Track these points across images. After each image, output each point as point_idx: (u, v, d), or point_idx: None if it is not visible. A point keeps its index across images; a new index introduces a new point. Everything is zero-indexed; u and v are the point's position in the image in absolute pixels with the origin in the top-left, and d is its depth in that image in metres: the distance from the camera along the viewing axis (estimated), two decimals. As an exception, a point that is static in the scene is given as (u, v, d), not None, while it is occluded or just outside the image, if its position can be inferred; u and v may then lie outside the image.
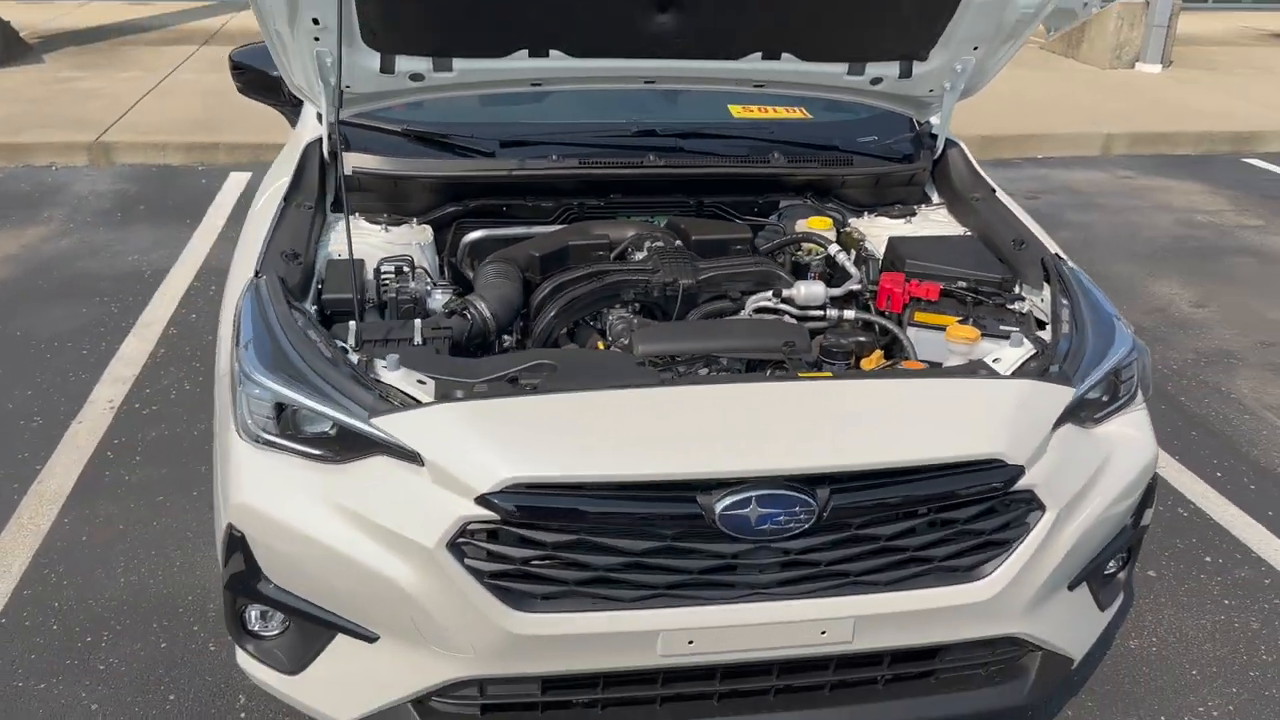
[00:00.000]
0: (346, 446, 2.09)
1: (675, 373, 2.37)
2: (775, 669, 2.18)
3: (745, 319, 2.73)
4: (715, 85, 3.02)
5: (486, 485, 1.94)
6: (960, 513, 2.12)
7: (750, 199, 3.26)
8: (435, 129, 3.09)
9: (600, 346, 2.64)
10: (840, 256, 2.95)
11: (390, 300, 2.59)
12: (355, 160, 2.99)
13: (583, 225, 3.03)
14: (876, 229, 3.14)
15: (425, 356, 2.32)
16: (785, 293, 2.75)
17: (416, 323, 2.47)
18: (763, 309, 2.75)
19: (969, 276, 2.77)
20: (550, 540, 1.98)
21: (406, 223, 2.99)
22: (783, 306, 2.74)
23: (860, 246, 3.04)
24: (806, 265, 3.01)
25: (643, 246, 2.90)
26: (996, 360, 2.42)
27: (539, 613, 2.01)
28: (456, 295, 2.70)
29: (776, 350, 2.44)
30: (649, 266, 2.79)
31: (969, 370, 2.36)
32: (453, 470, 1.97)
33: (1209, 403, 4.36)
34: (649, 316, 2.77)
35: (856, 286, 2.85)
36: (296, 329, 2.26)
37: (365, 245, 2.78)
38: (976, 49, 2.96)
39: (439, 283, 2.77)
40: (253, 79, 3.74)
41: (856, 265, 2.95)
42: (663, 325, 2.68)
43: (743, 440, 2.04)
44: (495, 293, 2.64)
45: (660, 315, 2.78)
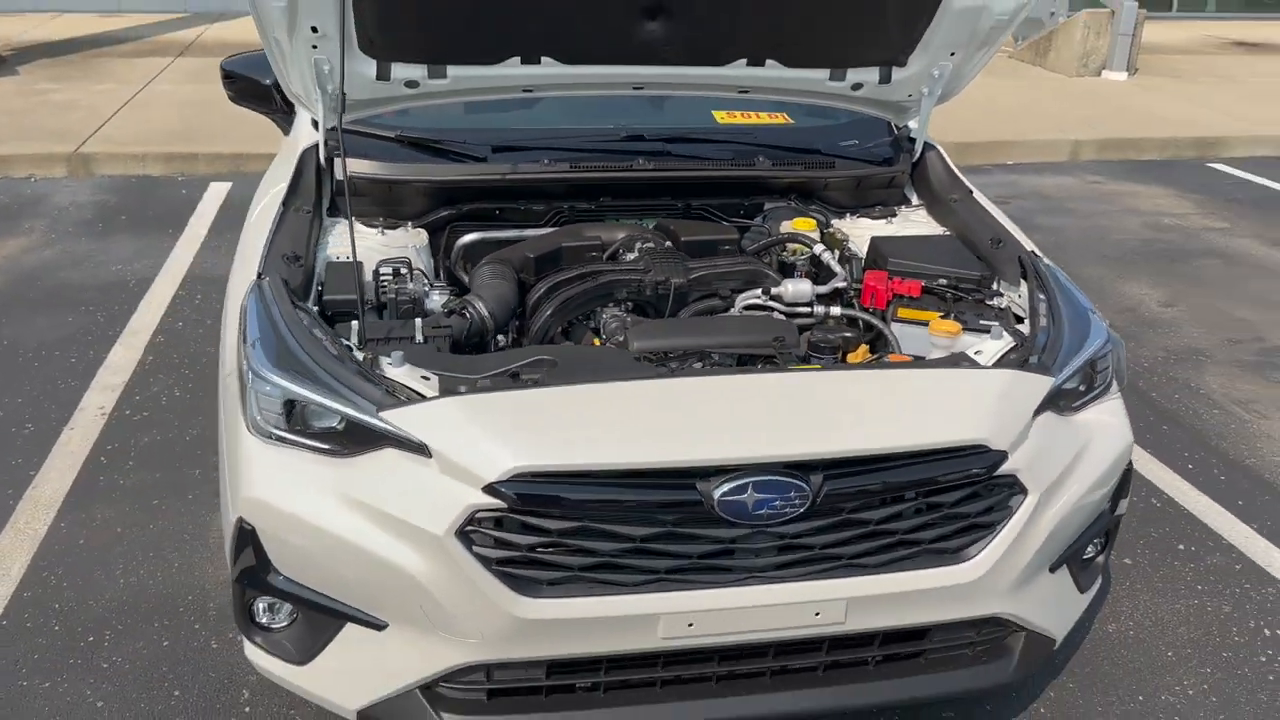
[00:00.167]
0: (355, 440, 2.15)
1: (670, 367, 2.44)
2: (771, 651, 2.25)
3: (736, 316, 2.81)
4: (702, 91, 3.10)
5: (494, 475, 2.01)
6: (947, 497, 2.20)
7: (736, 201, 3.35)
8: (428, 135, 3.15)
9: (595, 344, 2.71)
10: (825, 256, 3.03)
11: (389, 301, 2.64)
12: (351, 165, 3.02)
13: (575, 227, 3.10)
14: (858, 229, 3.24)
15: (428, 354, 2.38)
16: (774, 290, 2.84)
17: (417, 322, 2.52)
18: (752, 306, 2.84)
19: (949, 274, 2.87)
20: (555, 527, 2.05)
21: (402, 226, 3.05)
22: (771, 304, 2.83)
23: (843, 246, 3.14)
24: (792, 265, 3.09)
25: (634, 247, 2.97)
26: (978, 353, 2.51)
27: (545, 598, 2.08)
28: (454, 296, 2.76)
29: (767, 345, 2.52)
30: (641, 266, 2.86)
31: (952, 362, 2.45)
32: (460, 461, 2.04)
33: (1179, 398, 4.49)
34: (641, 314, 2.84)
35: (842, 284, 2.93)
36: (302, 327, 2.31)
37: (362, 248, 2.82)
38: (953, 55, 3.06)
39: (435, 284, 2.83)
40: (244, 88, 3.78)
41: (840, 264, 3.04)
42: (657, 322, 2.75)
43: (740, 429, 2.11)
44: (492, 292, 2.70)
45: (652, 313, 2.85)
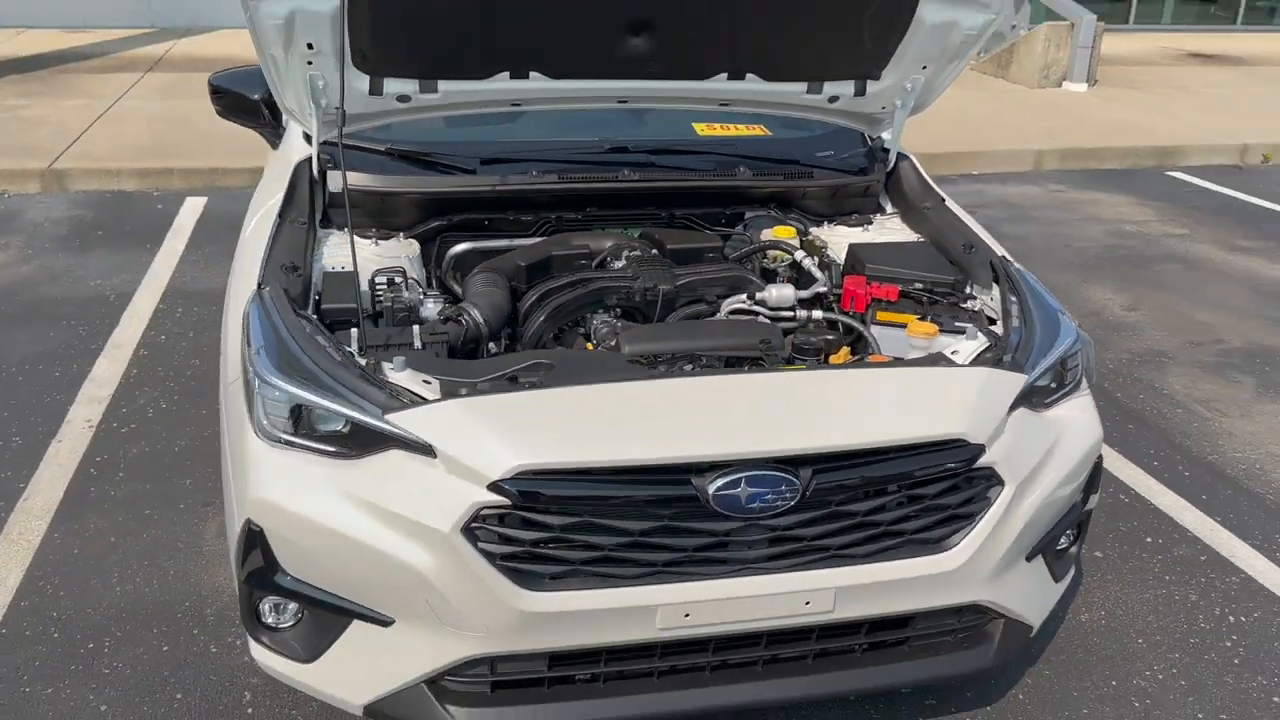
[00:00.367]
0: (360, 443, 2.22)
1: (661, 370, 2.53)
2: (763, 640, 2.34)
3: (723, 320, 2.90)
4: (684, 104, 3.21)
5: (498, 473, 2.09)
6: (929, 489, 2.31)
7: (718, 210, 3.45)
8: (419, 148, 3.23)
9: (589, 348, 2.80)
10: (806, 262, 3.14)
11: (386, 309, 2.71)
12: (347, 177, 3.11)
13: (563, 237, 3.19)
14: (836, 237, 3.35)
15: (427, 359, 2.45)
16: (758, 296, 2.94)
17: (415, 329, 2.60)
18: (738, 311, 2.94)
19: (924, 278, 2.98)
20: (557, 523, 2.13)
21: (394, 237, 3.12)
22: (756, 308, 2.93)
23: (822, 253, 3.25)
24: (774, 271, 3.20)
25: (621, 255, 3.06)
26: (954, 352, 2.62)
27: (547, 591, 2.16)
28: (449, 304, 2.84)
29: (754, 348, 2.62)
30: (630, 274, 2.95)
31: (931, 361, 2.56)
32: (465, 460, 2.12)
33: (1144, 398, 4.64)
34: (630, 320, 2.93)
35: (823, 289, 3.04)
36: (305, 334, 2.39)
37: (358, 258, 2.90)
38: (925, 68, 3.19)
39: (429, 292, 2.91)
40: (231, 102, 3.82)
41: (820, 270, 3.15)
42: (647, 327, 2.84)
43: (732, 426, 2.21)
44: (486, 300, 2.78)
45: (641, 319, 2.94)
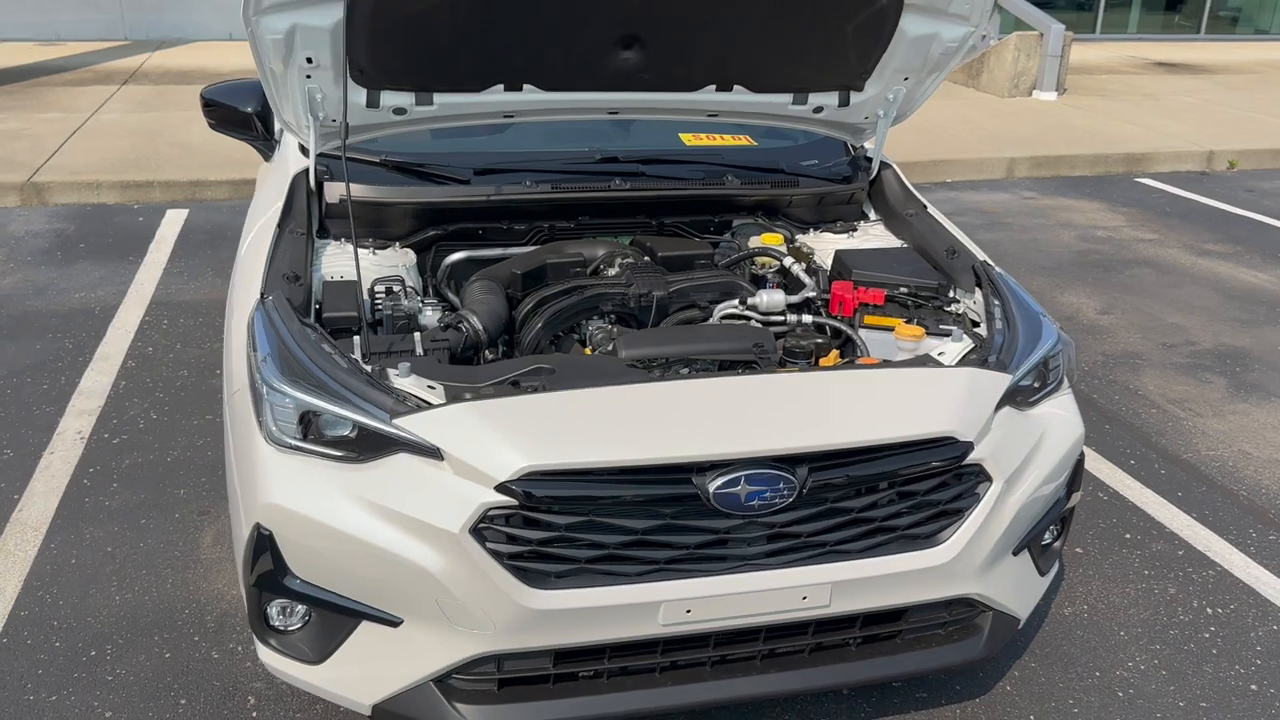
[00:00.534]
0: (368, 447, 2.28)
1: (658, 373, 2.60)
2: (761, 635, 2.41)
3: (716, 325, 2.97)
4: (673, 115, 3.28)
5: (505, 474, 2.15)
6: (920, 485, 2.39)
7: (707, 218, 3.53)
8: (414, 159, 3.29)
9: (587, 353, 2.86)
10: (794, 268, 3.22)
11: (386, 317, 2.76)
12: (341, 189, 3.16)
13: (557, 245, 3.26)
14: (822, 243, 3.43)
15: (430, 365, 2.51)
16: (750, 301, 3.01)
17: (416, 336, 2.66)
18: (730, 315, 3.01)
19: (909, 283, 3.07)
20: (563, 522, 2.19)
21: (391, 246, 3.18)
22: (748, 313, 3.01)
23: (810, 259, 3.33)
24: (763, 277, 3.28)
25: (614, 263, 3.14)
26: (941, 354, 2.70)
27: (553, 589, 2.22)
28: (447, 311, 2.90)
29: (747, 351, 2.70)
30: (624, 280, 3.02)
31: (919, 362, 2.65)
32: (473, 462, 2.17)
33: (1119, 399, 4.75)
34: (625, 326, 3.00)
35: (812, 294, 3.12)
36: (311, 342, 2.44)
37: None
38: (906, 80, 3.28)
39: (427, 301, 2.96)
40: (224, 115, 3.86)
41: (808, 276, 3.23)
42: (643, 332, 2.90)
43: (732, 426, 2.27)
44: (485, 308, 2.84)
45: (635, 324, 3.01)
